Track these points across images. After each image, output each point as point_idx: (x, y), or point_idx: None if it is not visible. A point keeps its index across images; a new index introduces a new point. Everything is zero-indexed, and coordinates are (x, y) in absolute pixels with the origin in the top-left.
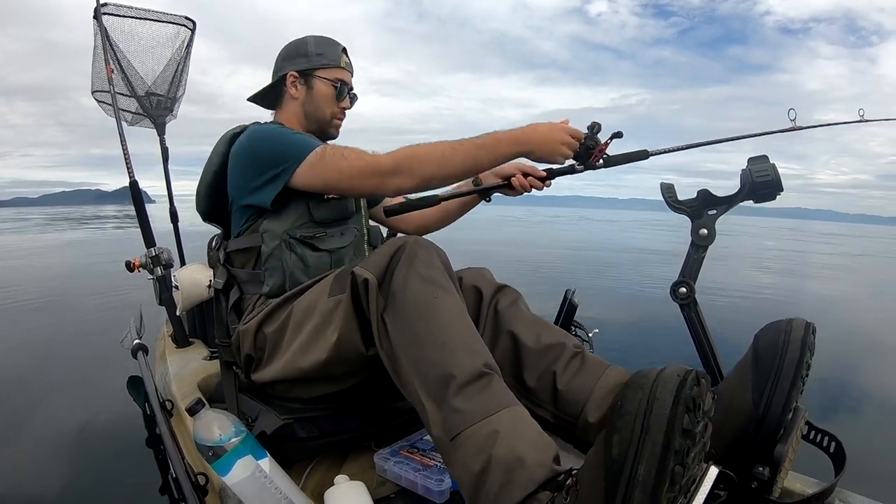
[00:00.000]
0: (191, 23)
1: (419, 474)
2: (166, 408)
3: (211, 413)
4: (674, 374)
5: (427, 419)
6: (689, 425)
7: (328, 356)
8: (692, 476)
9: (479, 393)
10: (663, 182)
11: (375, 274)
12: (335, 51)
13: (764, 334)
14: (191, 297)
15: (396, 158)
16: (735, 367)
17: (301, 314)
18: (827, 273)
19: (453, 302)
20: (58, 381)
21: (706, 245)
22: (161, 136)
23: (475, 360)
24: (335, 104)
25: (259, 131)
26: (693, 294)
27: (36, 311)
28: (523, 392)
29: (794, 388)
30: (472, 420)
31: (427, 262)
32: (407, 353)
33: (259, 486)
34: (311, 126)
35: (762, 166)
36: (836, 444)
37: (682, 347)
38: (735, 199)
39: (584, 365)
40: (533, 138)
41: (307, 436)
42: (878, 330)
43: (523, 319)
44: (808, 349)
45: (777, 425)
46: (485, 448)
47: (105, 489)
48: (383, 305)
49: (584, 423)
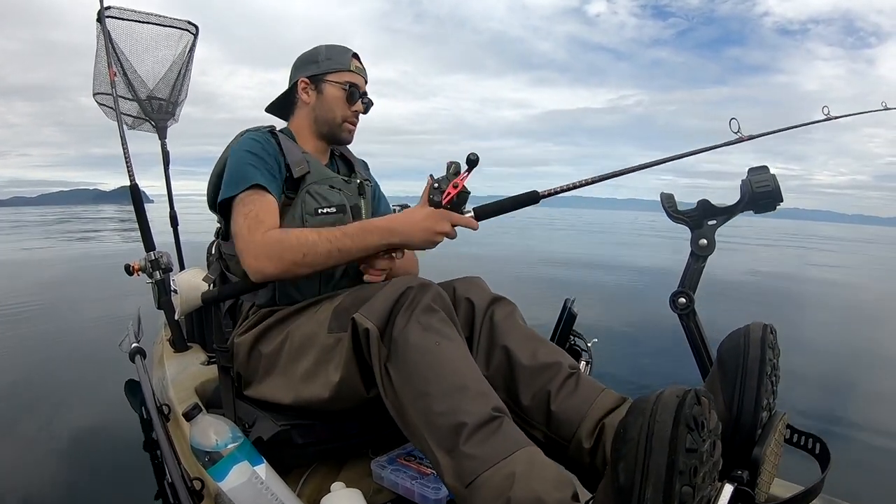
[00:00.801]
0: (193, 27)
1: (416, 482)
2: (163, 412)
3: (208, 418)
4: (673, 395)
5: (439, 468)
6: (693, 444)
7: (329, 395)
8: (705, 496)
9: (491, 437)
10: (663, 193)
11: (377, 323)
12: (345, 56)
13: (725, 342)
14: (189, 302)
15: (267, 242)
16: (705, 382)
17: (299, 342)
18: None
19: (456, 347)
20: (54, 386)
21: (706, 255)
22: (162, 139)
23: (484, 405)
24: (346, 107)
25: (235, 148)
26: (692, 304)
27: (31, 314)
28: (516, 410)
29: (762, 385)
30: (487, 465)
31: (427, 309)
32: (413, 403)
33: (255, 492)
34: (321, 130)
35: (762, 177)
36: (820, 445)
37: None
38: (735, 210)
39: (578, 387)
40: (407, 228)
41: (304, 442)
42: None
43: (519, 334)
44: (768, 347)
45: (752, 425)
46: (503, 492)
47: (101, 494)
48: (386, 355)
49: (577, 446)
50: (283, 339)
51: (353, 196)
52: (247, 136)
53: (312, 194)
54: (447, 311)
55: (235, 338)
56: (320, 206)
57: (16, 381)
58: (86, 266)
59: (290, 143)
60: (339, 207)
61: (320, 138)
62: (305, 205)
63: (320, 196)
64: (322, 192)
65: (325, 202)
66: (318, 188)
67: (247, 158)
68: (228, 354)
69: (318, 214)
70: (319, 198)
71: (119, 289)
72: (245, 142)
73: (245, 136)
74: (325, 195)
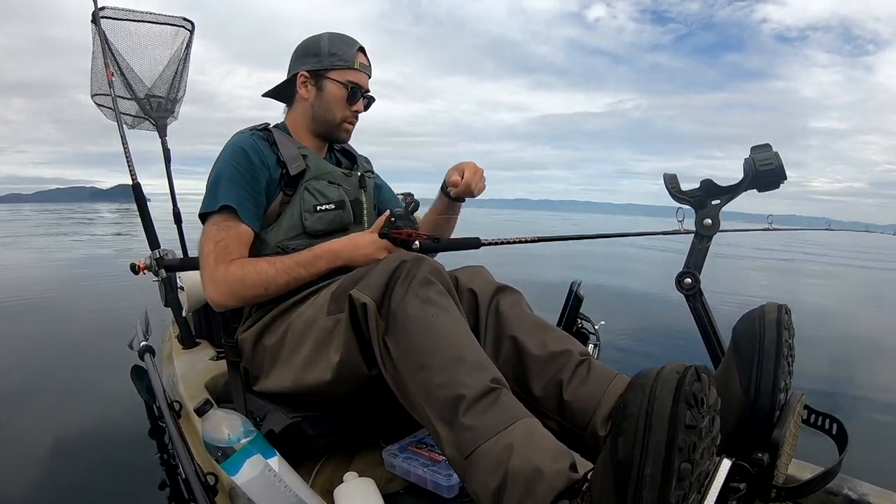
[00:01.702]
0: (189, 24)
1: (428, 470)
2: (174, 409)
3: (219, 413)
4: (673, 372)
5: (439, 440)
6: (693, 420)
7: (332, 376)
8: (703, 471)
9: (489, 408)
10: (666, 173)
11: (373, 297)
12: (350, 51)
13: (740, 324)
14: (196, 298)
15: (228, 279)
16: (720, 364)
17: (300, 329)
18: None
19: (453, 319)
20: (56, 383)
21: (710, 235)
22: (162, 137)
23: (482, 377)
24: (346, 107)
25: (221, 156)
26: (698, 284)
27: (29, 309)
28: (529, 401)
29: (779, 367)
30: (486, 436)
31: (425, 281)
32: (412, 376)
33: (269, 484)
34: (319, 128)
35: (765, 154)
36: (837, 426)
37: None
38: (739, 189)
39: (590, 374)
40: (350, 254)
41: (315, 434)
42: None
43: (527, 323)
44: (783, 328)
45: (770, 407)
46: (501, 463)
47: (110, 489)
48: (384, 328)
49: (592, 434)
50: (285, 330)
51: (354, 189)
52: (235, 145)
53: (311, 191)
54: (444, 284)
55: (240, 334)
56: (318, 203)
57: (16, 378)
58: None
59: (285, 138)
60: (338, 203)
61: (317, 136)
62: (304, 202)
63: (318, 193)
64: (320, 188)
65: (324, 199)
66: (317, 184)
67: (226, 172)
68: (237, 349)
69: (317, 212)
70: (318, 194)
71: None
72: (233, 152)
73: (234, 143)
74: (324, 191)
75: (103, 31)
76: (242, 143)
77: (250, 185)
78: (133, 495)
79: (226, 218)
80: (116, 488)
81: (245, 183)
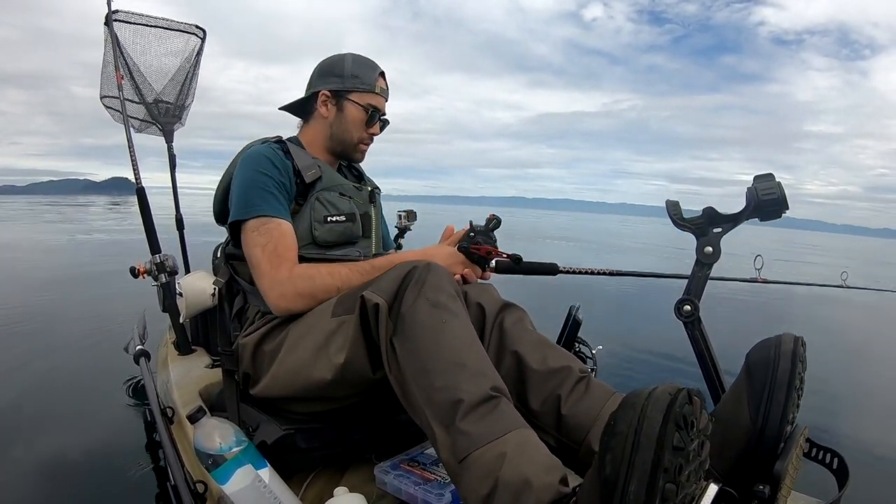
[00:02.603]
0: (201, 31)
1: (419, 488)
2: (167, 414)
3: (212, 421)
4: (665, 393)
5: (436, 442)
6: (681, 443)
7: (333, 377)
8: (689, 494)
9: (486, 416)
10: (669, 200)
11: (385, 299)
12: (372, 74)
13: (755, 351)
14: (194, 305)
15: (296, 281)
16: (730, 388)
17: (298, 332)
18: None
19: (461, 325)
20: (54, 390)
21: (711, 263)
22: (169, 143)
23: (483, 384)
24: (364, 129)
25: (242, 166)
26: (697, 312)
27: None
28: (527, 415)
29: (790, 399)
30: (480, 443)
31: (436, 287)
32: (416, 378)
33: (258, 495)
34: (335, 147)
35: (768, 184)
36: (838, 461)
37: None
38: (740, 217)
39: (588, 391)
40: None
41: (308, 447)
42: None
43: (529, 339)
44: (798, 361)
45: (776, 438)
46: (492, 471)
47: (102, 497)
48: (392, 330)
49: (587, 450)
50: (284, 334)
51: (364, 204)
52: (255, 152)
53: (322, 201)
54: (455, 291)
55: (241, 339)
56: (329, 214)
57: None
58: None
59: (299, 150)
60: (349, 216)
61: (332, 153)
62: (315, 212)
63: (330, 203)
64: (332, 199)
65: (335, 210)
66: (329, 195)
67: (257, 180)
68: (233, 358)
69: (327, 223)
70: (329, 205)
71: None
72: (254, 159)
73: (253, 151)
74: (335, 203)
75: (115, 34)
76: (262, 150)
77: (277, 188)
78: (123, 501)
79: (263, 222)
80: (106, 494)
81: (273, 186)
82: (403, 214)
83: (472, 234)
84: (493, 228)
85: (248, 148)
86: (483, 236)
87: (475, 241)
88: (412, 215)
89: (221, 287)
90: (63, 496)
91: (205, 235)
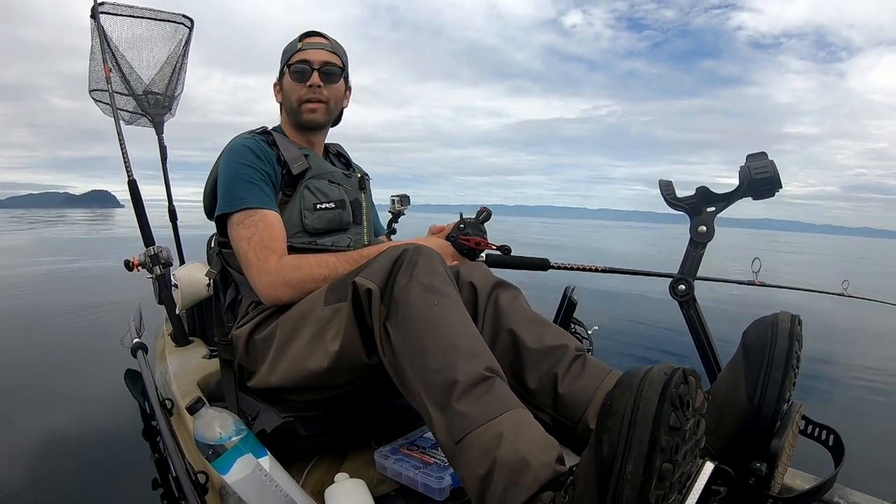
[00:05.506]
0: (188, 21)
1: (419, 472)
2: (166, 406)
3: (211, 411)
4: (660, 373)
5: (432, 424)
6: (677, 422)
7: (329, 364)
8: (685, 472)
9: (482, 396)
10: (662, 179)
11: (377, 283)
12: (295, 42)
13: (752, 330)
14: (190, 296)
15: (284, 271)
16: (727, 366)
17: (292, 323)
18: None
19: (454, 307)
20: (53, 381)
21: (705, 242)
22: (159, 134)
23: (478, 364)
24: (300, 88)
25: (225, 159)
26: (692, 291)
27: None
28: (523, 394)
29: (787, 377)
30: (476, 423)
31: (427, 270)
32: (410, 361)
33: (259, 484)
34: (291, 120)
35: (761, 163)
36: (834, 437)
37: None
38: (734, 196)
39: (585, 369)
40: None
41: (307, 434)
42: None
43: (524, 318)
44: (795, 339)
45: (773, 417)
46: (489, 451)
47: (101, 488)
48: (385, 314)
49: (584, 428)
50: (277, 324)
51: (354, 190)
52: (238, 145)
53: (311, 189)
54: (447, 274)
55: (234, 331)
56: (318, 202)
57: (9, 377)
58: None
59: (284, 139)
60: (339, 203)
61: (297, 129)
62: (304, 200)
63: (319, 191)
64: (321, 187)
65: (324, 197)
66: (317, 183)
67: (240, 172)
68: (230, 347)
69: (317, 210)
70: (318, 193)
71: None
72: (237, 152)
73: (236, 143)
74: (324, 190)
75: (102, 27)
76: (244, 142)
77: (262, 178)
78: (124, 493)
79: (248, 214)
80: (108, 486)
81: (257, 178)
82: (397, 199)
83: (461, 226)
84: (483, 221)
85: (233, 141)
86: (473, 228)
87: (464, 232)
88: (406, 200)
89: (216, 277)
90: (58, 490)
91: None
